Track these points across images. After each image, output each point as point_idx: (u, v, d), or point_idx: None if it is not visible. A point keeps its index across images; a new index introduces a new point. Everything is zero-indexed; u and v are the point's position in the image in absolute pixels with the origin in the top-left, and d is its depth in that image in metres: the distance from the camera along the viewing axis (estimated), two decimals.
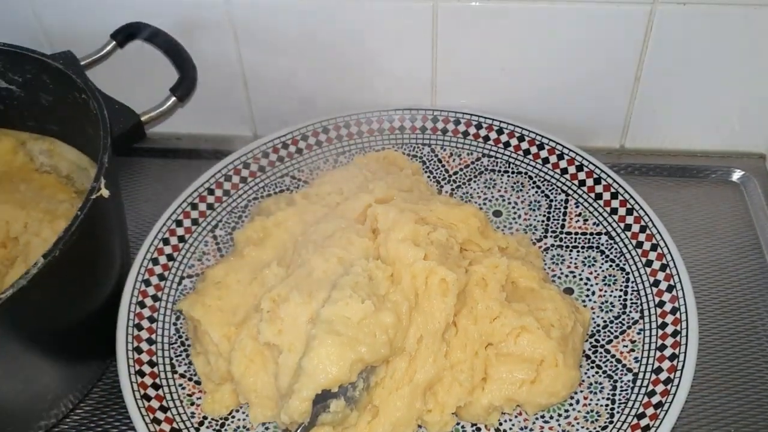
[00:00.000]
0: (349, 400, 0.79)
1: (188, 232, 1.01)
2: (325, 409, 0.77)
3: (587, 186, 1.04)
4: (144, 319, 0.93)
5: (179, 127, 1.22)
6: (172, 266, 0.98)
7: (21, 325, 0.76)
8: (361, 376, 0.79)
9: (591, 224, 1.01)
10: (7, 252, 0.95)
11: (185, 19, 1.08)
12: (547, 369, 0.84)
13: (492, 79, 1.12)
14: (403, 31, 1.07)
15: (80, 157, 1.04)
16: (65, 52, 0.96)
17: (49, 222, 0.95)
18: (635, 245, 0.97)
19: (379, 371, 0.82)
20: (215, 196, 1.05)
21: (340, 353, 0.76)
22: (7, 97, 1.01)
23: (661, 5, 1.00)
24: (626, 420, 0.84)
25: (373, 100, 1.14)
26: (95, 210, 0.79)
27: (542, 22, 1.04)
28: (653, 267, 0.94)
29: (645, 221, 0.98)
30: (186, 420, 0.86)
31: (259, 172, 1.08)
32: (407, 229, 0.87)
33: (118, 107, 0.95)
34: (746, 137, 1.15)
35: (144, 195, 1.15)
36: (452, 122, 1.12)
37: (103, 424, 0.91)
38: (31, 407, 0.84)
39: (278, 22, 1.08)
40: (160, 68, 1.09)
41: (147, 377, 0.88)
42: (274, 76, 1.14)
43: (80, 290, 0.85)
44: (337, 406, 0.77)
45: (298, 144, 1.10)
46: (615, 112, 1.14)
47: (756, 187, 1.11)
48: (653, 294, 0.93)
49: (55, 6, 1.10)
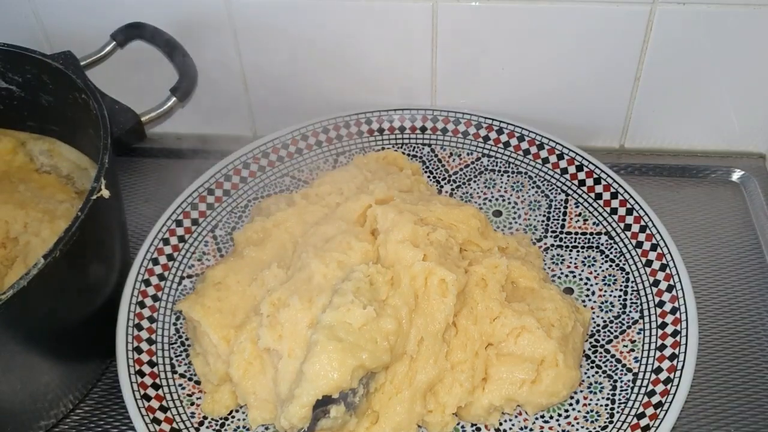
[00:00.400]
0: (349, 405, 0.78)
1: (188, 232, 1.01)
2: (325, 415, 0.77)
3: (587, 186, 1.04)
4: (144, 319, 0.93)
5: (179, 128, 1.22)
6: (172, 266, 0.98)
7: (21, 325, 0.76)
8: (361, 381, 0.79)
9: (591, 224, 1.01)
10: (7, 252, 0.95)
11: (185, 19, 1.08)
12: (548, 369, 0.84)
13: (492, 79, 1.12)
14: (403, 32, 1.07)
15: (80, 157, 1.04)
16: (65, 52, 0.96)
17: (49, 222, 0.95)
18: (635, 245, 0.97)
19: (379, 377, 0.82)
20: (215, 196, 1.05)
21: (342, 359, 0.76)
22: (7, 97, 1.01)
23: (661, 5, 1.00)
24: (626, 420, 0.84)
25: (373, 100, 1.14)
26: (95, 210, 0.79)
27: (542, 22, 1.04)
28: (653, 267, 0.94)
29: (645, 221, 0.98)
30: (186, 420, 0.86)
31: (259, 172, 1.08)
32: (406, 230, 0.87)
33: (118, 107, 0.95)
34: (746, 137, 1.15)
35: (144, 195, 1.15)
36: (452, 122, 1.12)
37: (102, 424, 0.91)
38: (31, 407, 0.84)
39: (278, 22, 1.08)
40: (160, 68, 1.09)
41: (147, 377, 0.88)
42: (273, 76, 1.14)
43: (80, 290, 0.85)
44: (337, 412, 0.77)
45: (297, 144, 1.10)
46: (615, 111, 1.14)
47: (756, 186, 1.11)
48: (653, 294, 0.93)
49: (55, 6, 1.10)
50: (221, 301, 0.89)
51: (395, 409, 0.82)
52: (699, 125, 1.14)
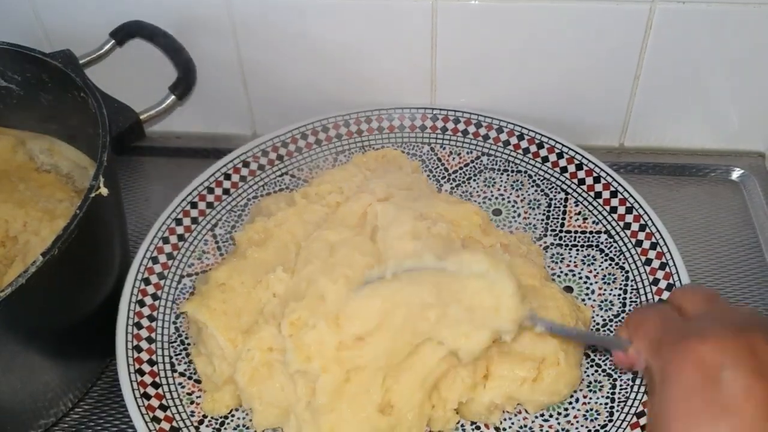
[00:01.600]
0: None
1: (188, 230, 1.01)
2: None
3: (587, 185, 1.04)
4: (144, 317, 0.93)
5: (178, 126, 1.22)
6: (171, 265, 0.98)
7: (20, 323, 0.76)
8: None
9: (590, 223, 1.01)
10: (6, 251, 0.95)
11: (185, 17, 1.08)
12: (549, 368, 0.84)
13: (491, 78, 1.12)
14: (403, 30, 1.07)
15: (80, 156, 1.04)
16: (64, 50, 0.96)
17: (49, 221, 0.95)
18: (635, 244, 0.97)
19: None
20: (215, 194, 1.05)
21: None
22: (6, 95, 1.01)
23: (660, 3, 1.00)
24: (625, 419, 0.84)
25: (373, 98, 1.14)
26: (94, 208, 0.79)
27: (542, 21, 1.04)
28: (653, 266, 0.94)
29: (644, 220, 0.98)
30: (186, 419, 0.86)
31: (258, 171, 1.08)
32: (407, 225, 0.86)
33: (117, 106, 0.95)
34: (746, 136, 1.15)
35: (143, 194, 1.15)
36: (452, 121, 1.12)
37: (102, 423, 0.91)
38: (30, 406, 0.84)
39: (277, 20, 1.08)
40: (159, 67, 1.09)
41: (147, 376, 0.88)
42: (273, 75, 1.14)
43: (79, 289, 0.84)
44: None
45: (297, 142, 1.10)
46: (615, 110, 1.14)
47: (755, 185, 1.11)
48: (653, 293, 0.93)
49: (55, 5, 1.10)
50: (226, 303, 0.88)
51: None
52: (699, 124, 1.14)
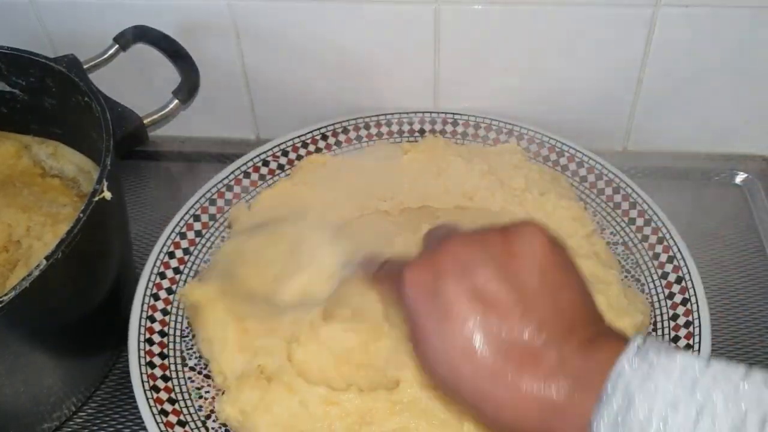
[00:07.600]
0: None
1: (205, 227, 1.02)
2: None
3: (605, 194, 1.04)
4: (157, 311, 0.93)
5: (182, 131, 1.23)
6: (187, 260, 0.99)
7: (23, 327, 0.76)
8: None
9: (608, 234, 1.00)
10: (9, 256, 0.95)
11: (188, 22, 1.08)
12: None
13: (494, 82, 1.12)
14: (406, 34, 1.07)
15: (84, 160, 1.04)
16: (68, 55, 0.96)
17: (52, 226, 0.95)
18: (651, 257, 0.96)
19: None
20: (233, 192, 1.05)
21: None
22: (10, 100, 1.02)
23: (663, 7, 1.00)
24: None
25: (376, 103, 1.14)
26: (97, 212, 0.79)
27: (545, 25, 1.04)
28: (669, 279, 0.93)
29: (663, 233, 0.97)
30: (193, 413, 0.86)
31: (278, 170, 1.08)
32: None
33: (121, 110, 0.95)
34: (750, 140, 1.15)
35: (148, 198, 1.15)
36: (449, 124, 1.12)
37: (106, 427, 0.91)
38: (33, 409, 0.84)
39: (280, 24, 1.08)
40: (162, 71, 1.09)
41: (157, 369, 0.88)
42: (276, 79, 1.14)
43: (82, 291, 0.85)
44: None
45: (318, 143, 1.10)
46: (618, 114, 1.14)
47: (760, 190, 1.11)
48: (668, 307, 0.92)
49: (58, 10, 1.10)
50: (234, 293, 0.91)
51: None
52: (702, 128, 1.14)
